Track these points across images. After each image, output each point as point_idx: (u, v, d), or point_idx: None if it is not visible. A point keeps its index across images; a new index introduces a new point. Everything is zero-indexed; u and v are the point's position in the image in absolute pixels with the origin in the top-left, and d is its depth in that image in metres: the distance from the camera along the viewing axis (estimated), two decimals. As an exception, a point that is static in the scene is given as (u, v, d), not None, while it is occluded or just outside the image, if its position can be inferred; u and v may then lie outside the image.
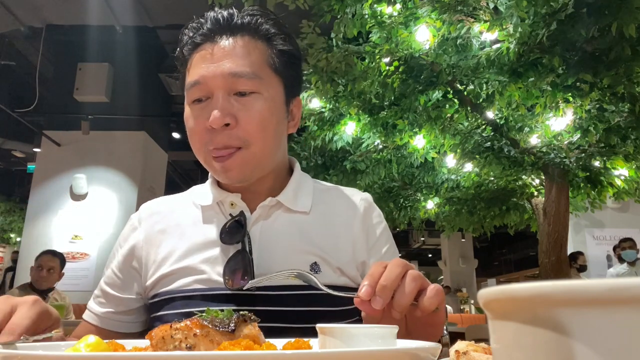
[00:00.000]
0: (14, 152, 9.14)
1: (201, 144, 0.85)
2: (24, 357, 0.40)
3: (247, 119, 0.83)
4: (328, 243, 0.92)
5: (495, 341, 0.25)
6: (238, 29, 0.86)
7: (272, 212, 0.93)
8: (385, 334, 0.51)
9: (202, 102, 0.85)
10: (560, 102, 3.82)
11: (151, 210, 1.00)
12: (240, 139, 0.83)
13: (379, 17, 3.59)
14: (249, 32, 0.87)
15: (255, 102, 0.84)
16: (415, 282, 0.64)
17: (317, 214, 0.95)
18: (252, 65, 0.84)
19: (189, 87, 0.85)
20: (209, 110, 0.82)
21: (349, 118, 4.66)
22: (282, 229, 0.91)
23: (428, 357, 0.43)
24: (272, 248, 0.89)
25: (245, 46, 0.85)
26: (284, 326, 0.83)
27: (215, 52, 0.84)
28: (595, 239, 7.89)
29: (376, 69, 3.91)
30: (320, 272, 0.89)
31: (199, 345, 0.45)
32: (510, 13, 3.04)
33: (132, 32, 6.67)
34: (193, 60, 0.87)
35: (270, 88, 0.86)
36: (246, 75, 0.83)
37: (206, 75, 0.83)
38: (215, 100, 0.83)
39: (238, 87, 0.83)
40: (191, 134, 0.87)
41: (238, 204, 0.92)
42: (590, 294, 0.20)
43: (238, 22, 0.87)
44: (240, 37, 0.86)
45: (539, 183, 5.45)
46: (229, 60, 0.83)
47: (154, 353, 0.44)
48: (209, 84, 0.83)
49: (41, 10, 6.26)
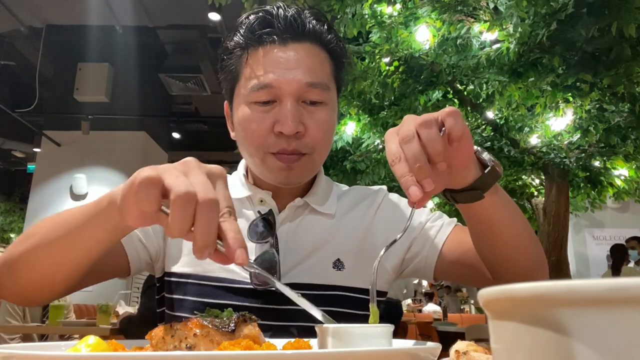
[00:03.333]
0: (14, 152, 9.15)
1: (262, 145, 0.85)
2: (24, 357, 0.40)
3: (315, 128, 0.84)
4: (354, 240, 0.93)
5: (495, 341, 0.25)
6: (308, 34, 0.86)
7: (300, 212, 0.94)
8: (383, 333, 0.51)
9: (267, 105, 0.84)
10: (560, 102, 3.82)
11: None
12: (308, 146, 0.85)
13: (379, 17, 3.59)
14: (317, 39, 0.87)
15: (323, 112, 0.86)
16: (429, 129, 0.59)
17: (340, 216, 0.96)
18: (325, 76, 0.86)
19: (257, 88, 0.83)
20: (275, 114, 0.83)
21: (349, 118, 4.66)
22: (308, 229, 0.93)
23: (428, 357, 0.43)
24: (298, 249, 0.90)
25: (318, 56, 0.86)
26: (307, 325, 0.82)
27: (290, 58, 0.83)
28: (595, 239, 7.90)
29: (376, 69, 3.91)
30: (344, 269, 0.90)
31: (199, 345, 0.45)
32: (510, 13, 3.04)
33: (132, 32, 6.68)
34: (259, 59, 0.84)
35: (333, 99, 0.89)
36: (320, 86, 0.84)
37: (281, 80, 0.82)
38: (285, 107, 0.82)
39: (310, 96, 0.84)
40: (251, 134, 0.85)
41: (268, 201, 0.92)
42: (590, 294, 0.20)
43: (309, 28, 0.86)
44: (311, 45, 0.86)
45: (539, 183, 5.45)
46: (304, 69, 0.83)
47: (154, 353, 0.44)
48: (282, 89, 0.82)
49: (41, 10, 6.26)
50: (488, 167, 0.69)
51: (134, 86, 6.77)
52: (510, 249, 0.78)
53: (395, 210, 0.98)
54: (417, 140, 0.59)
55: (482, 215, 0.75)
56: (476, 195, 0.69)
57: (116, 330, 3.19)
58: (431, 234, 0.92)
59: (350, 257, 0.91)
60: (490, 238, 0.78)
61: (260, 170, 0.89)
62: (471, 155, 0.65)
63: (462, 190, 0.70)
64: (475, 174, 0.68)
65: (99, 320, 3.39)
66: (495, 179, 0.69)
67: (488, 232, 0.77)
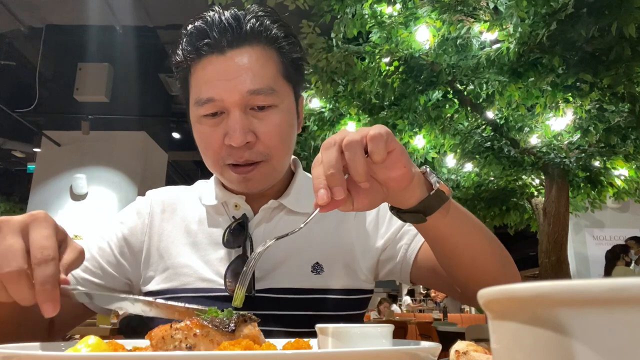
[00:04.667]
0: (14, 152, 9.14)
1: (217, 158, 0.84)
2: (24, 357, 0.40)
3: (267, 134, 0.82)
4: (332, 243, 0.91)
5: (495, 341, 0.25)
6: (247, 37, 0.82)
7: (275, 214, 0.93)
8: (383, 333, 0.51)
9: (216, 117, 0.82)
10: (560, 102, 3.82)
11: (160, 199, 0.99)
12: (261, 154, 0.83)
13: (379, 17, 3.59)
14: (258, 40, 0.83)
15: (273, 116, 0.82)
16: (354, 144, 0.58)
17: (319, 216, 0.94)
18: (269, 79, 0.82)
19: (201, 103, 0.81)
20: (224, 126, 0.81)
21: (349, 118, 4.67)
22: (284, 231, 0.90)
23: (428, 357, 0.43)
24: (274, 251, 0.87)
25: (259, 59, 0.82)
26: (287, 330, 0.82)
27: (229, 67, 0.80)
28: (595, 239, 7.89)
29: (376, 69, 3.91)
30: (323, 272, 0.88)
31: (199, 345, 0.45)
32: (510, 13, 3.04)
33: (132, 32, 6.67)
34: (200, 72, 0.82)
35: (285, 98, 0.85)
36: (264, 91, 0.81)
37: (222, 92, 0.80)
38: (233, 118, 0.80)
39: (256, 102, 0.81)
40: (205, 149, 0.85)
41: (242, 205, 0.91)
42: (590, 294, 0.19)
43: (247, 29, 0.82)
44: (251, 48, 0.82)
45: (539, 183, 5.45)
46: (245, 76, 0.80)
47: (154, 353, 0.44)
48: (225, 101, 0.80)
49: (41, 10, 6.26)
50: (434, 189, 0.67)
51: (134, 86, 6.77)
52: (469, 267, 0.77)
53: (375, 211, 0.96)
54: (336, 149, 0.59)
55: (436, 235, 0.75)
56: (419, 217, 0.69)
57: (116, 330, 3.19)
58: (406, 241, 0.91)
59: (329, 260, 0.89)
60: (448, 256, 0.78)
61: (222, 180, 0.90)
62: (405, 177, 0.63)
63: (407, 211, 0.69)
64: (421, 195, 0.67)
65: (99, 320, 3.39)
66: (441, 202, 0.68)
67: (444, 251, 0.77)
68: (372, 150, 0.59)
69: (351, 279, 0.90)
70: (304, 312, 0.86)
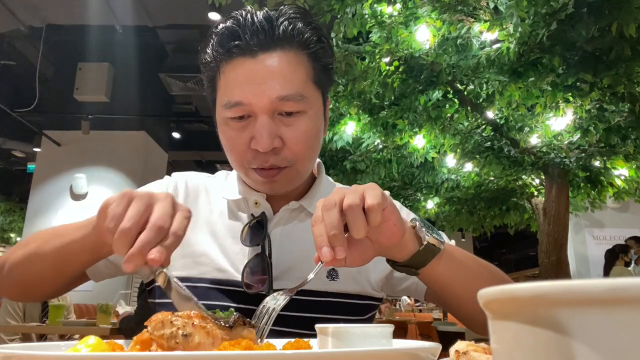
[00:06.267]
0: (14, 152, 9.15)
1: (242, 161, 0.84)
2: (24, 357, 0.40)
3: (294, 140, 0.81)
4: None
5: (495, 341, 0.25)
6: (279, 41, 0.81)
7: (294, 215, 0.92)
8: (383, 333, 0.51)
9: (243, 120, 0.81)
10: (560, 102, 3.82)
11: (185, 183, 0.99)
12: (287, 159, 0.82)
13: (379, 17, 3.59)
14: (290, 44, 0.81)
15: (302, 122, 0.82)
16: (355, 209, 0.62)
17: None
18: (299, 85, 0.81)
19: (229, 106, 0.80)
20: (251, 130, 0.80)
21: (349, 118, 4.67)
22: (302, 233, 0.90)
23: (428, 357, 0.43)
24: (291, 252, 0.88)
25: (290, 63, 0.81)
26: (297, 332, 0.82)
27: (259, 71, 0.79)
28: (595, 239, 7.89)
29: (376, 69, 3.91)
30: (338, 278, 0.88)
31: (195, 335, 0.45)
32: (510, 13, 3.04)
33: (132, 32, 6.68)
34: (229, 73, 0.81)
35: (314, 104, 0.84)
36: (294, 97, 0.80)
37: (251, 97, 0.79)
38: (260, 123, 0.79)
39: (284, 108, 0.80)
40: (230, 151, 0.85)
41: (262, 204, 0.91)
42: (590, 294, 0.20)
43: (279, 32, 0.80)
44: (282, 52, 0.81)
45: (539, 183, 5.45)
46: (275, 81, 0.79)
47: (154, 353, 0.44)
48: (253, 105, 0.79)
49: (41, 10, 6.26)
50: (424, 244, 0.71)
51: (134, 86, 6.77)
52: (467, 306, 0.82)
53: None
54: (337, 211, 0.62)
55: (432, 284, 0.79)
56: (411, 270, 0.73)
57: (116, 330, 3.19)
58: None
59: (345, 268, 0.88)
60: (446, 299, 0.84)
61: (246, 181, 0.90)
62: (396, 235, 0.67)
63: (400, 264, 0.73)
64: (412, 249, 0.71)
65: (99, 320, 3.39)
66: (433, 255, 0.72)
67: (442, 297, 0.83)
68: (370, 219, 0.62)
69: (362, 287, 0.91)
70: (316, 315, 0.86)
